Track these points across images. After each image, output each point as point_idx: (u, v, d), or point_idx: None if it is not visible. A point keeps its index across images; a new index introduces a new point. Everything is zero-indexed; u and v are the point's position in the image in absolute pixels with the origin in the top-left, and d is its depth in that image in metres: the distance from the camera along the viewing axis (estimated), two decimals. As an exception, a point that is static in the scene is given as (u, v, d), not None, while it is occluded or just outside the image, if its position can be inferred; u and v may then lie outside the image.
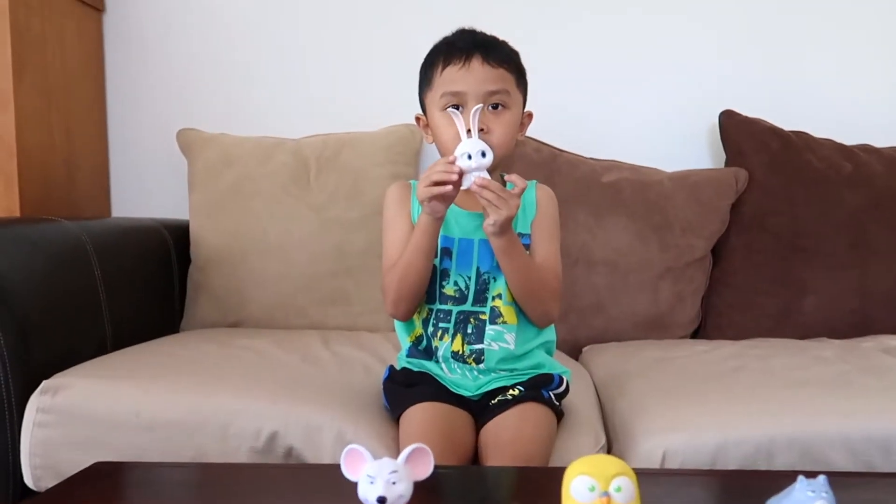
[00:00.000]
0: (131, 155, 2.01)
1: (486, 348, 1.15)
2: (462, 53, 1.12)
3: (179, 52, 1.99)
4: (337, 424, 1.12)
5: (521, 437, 1.06)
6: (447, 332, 1.16)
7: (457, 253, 1.16)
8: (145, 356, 1.38)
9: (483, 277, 1.16)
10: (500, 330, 1.15)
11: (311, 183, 1.74)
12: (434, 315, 1.16)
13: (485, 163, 1.02)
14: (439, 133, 1.15)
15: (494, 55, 1.13)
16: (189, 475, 0.99)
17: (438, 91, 1.14)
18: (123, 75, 1.99)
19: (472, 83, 1.11)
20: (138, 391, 1.18)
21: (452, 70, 1.12)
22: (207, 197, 1.75)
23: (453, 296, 1.16)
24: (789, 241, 1.75)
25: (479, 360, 1.15)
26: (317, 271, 1.70)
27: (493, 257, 1.14)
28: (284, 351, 1.42)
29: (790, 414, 1.16)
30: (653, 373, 1.40)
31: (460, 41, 1.15)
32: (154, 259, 1.69)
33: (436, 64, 1.15)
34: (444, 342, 1.16)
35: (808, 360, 1.44)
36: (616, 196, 1.74)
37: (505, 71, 1.13)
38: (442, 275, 1.16)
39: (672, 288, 1.73)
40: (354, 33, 1.98)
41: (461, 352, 1.15)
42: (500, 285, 1.16)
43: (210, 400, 1.16)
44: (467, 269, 1.16)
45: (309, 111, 1.97)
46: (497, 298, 1.16)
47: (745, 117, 1.83)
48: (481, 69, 1.11)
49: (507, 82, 1.13)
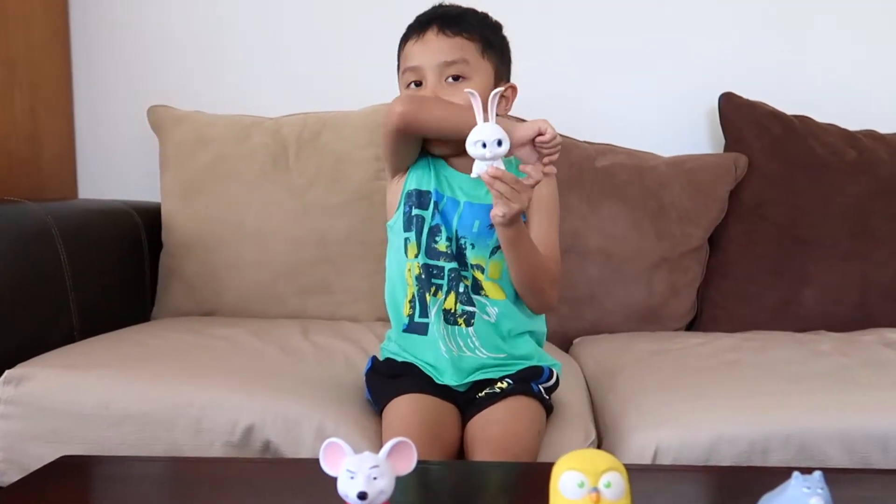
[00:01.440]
0: (99, 133, 1.99)
1: (477, 312, 1.16)
2: (420, 27, 1.15)
3: (150, 25, 1.97)
4: (316, 417, 1.13)
5: (509, 431, 1.07)
6: (441, 288, 1.16)
7: (441, 209, 1.17)
8: (114, 345, 1.38)
9: (460, 242, 1.16)
10: (483, 301, 1.17)
11: (291, 165, 1.74)
12: (426, 270, 1.16)
13: (500, 152, 0.99)
14: None
15: (452, 25, 1.14)
16: (160, 470, 1.00)
17: (401, 67, 1.17)
18: (91, 49, 1.98)
19: (427, 55, 1.13)
20: (107, 382, 1.18)
21: (410, 44, 1.16)
22: (180, 178, 1.74)
23: (445, 252, 1.16)
24: (789, 230, 1.76)
25: (469, 323, 1.16)
26: (296, 258, 1.70)
27: (473, 223, 1.15)
28: (262, 341, 1.43)
29: (786, 409, 1.18)
30: (646, 366, 1.41)
31: (424, 15, 1.17)
32: (124, 244, 1.69)
33: (402, 42, 1.18)
34: (437, 299, 1.16)
35: (806, 353, 1.46)
36: (610, 182, 1.75)
37: (464, 39, 1.14)
38: (434, 230, 1.16)
39: (667, 278, 1.75)
40: (337, 5, 1.97)
41: (453, 310, 1.16)
42: (481, 256, 1.16)
43: (183, 391, 1.16)
44: (449, 229, 1.16)
45: (288, 88, 1.96)
46: (477, 270, 1.16)
47: (746, 100, 1.84)
48: (436, 40, 1.13)
49: (467, 51, 1.14)
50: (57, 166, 1.91)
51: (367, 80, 1.90)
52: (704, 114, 1.95)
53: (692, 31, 1.97)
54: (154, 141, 1.80)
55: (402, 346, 1.20)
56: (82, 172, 2.00)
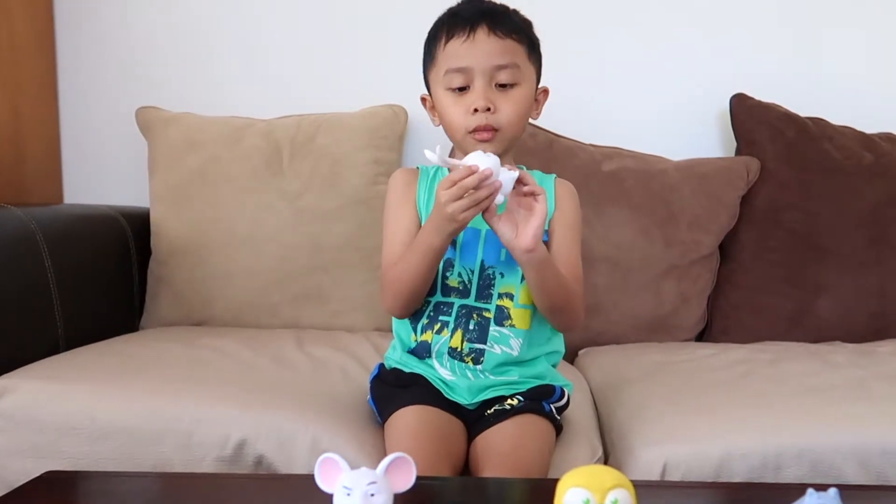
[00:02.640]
0: (85, 136, 2.00)
1: (487, 349, 1.15)
2: (466, 24, 1.12)
3: (139, 23, 1.98)
4: (311, 432, 1.13)
5: (519, 447, 1.07)
6: (447, 325, 1.16)
7: (461, 242, 1.16)
8: (101, 356, 1.38)
9: (487, 272, 1.16)
10: (507, 333, 1.16)
11: (285, 169, 1.74)
12: (433, 307, 1.16)
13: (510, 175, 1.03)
14: (445, 114, 1.15)
15: (502, 25, 1.12)
16: (149, 485, 1.00)
17: (442, 67, 1.13)
18: (77, 49, 1.98)
19: (478, 57, 1.11)
20: (93, 394, 1.19)
21: (456, 43, 1.12)
22: (169, 183, 1.75)
23: (457, 287, 1.16)
24: (804, 237, 1.77)
25: (478, 361, 1.16)
26: (290, 266, 1.71)
27: (500, 251, 1.15)
28: (254, 352, 1.43)
29: (800, 423, 1.18)
30: (654, 378, 1.42)
31: (465, 11, 1.14)
32: (111, 250, 1.69)
33: (439, 37, 1.15)
34: (441, 336, 1.16)
35: (821, 365, 1.47)
36: (617, 186, 1.76)
37: (514, 42, 1.13)
38: (446, 265, 1.16)
39: (676, 287, 1.75)
40: (333, 2, 1.97)
41: (459, 349, 1.15)
42: (511, 284, 1.16)
43: (172, 404, 1.17)
44: (471, 261, 1.16)
45: (282, 89, 1.97)
46: (505, 298, 1.16)
47: (759, 102, 1.84)
48: (487, 41, 1.11)
49: (518, 55, 1.13)
50: (41, 170, 1.92)
51: (365, 80, 1.92)
52: (715, 116, 1.96)
53: (702, 30, 1.97)
54: (142, 143, 1.81)
55: (407, 364, 1.20)
56: (68, 176, 2.00)
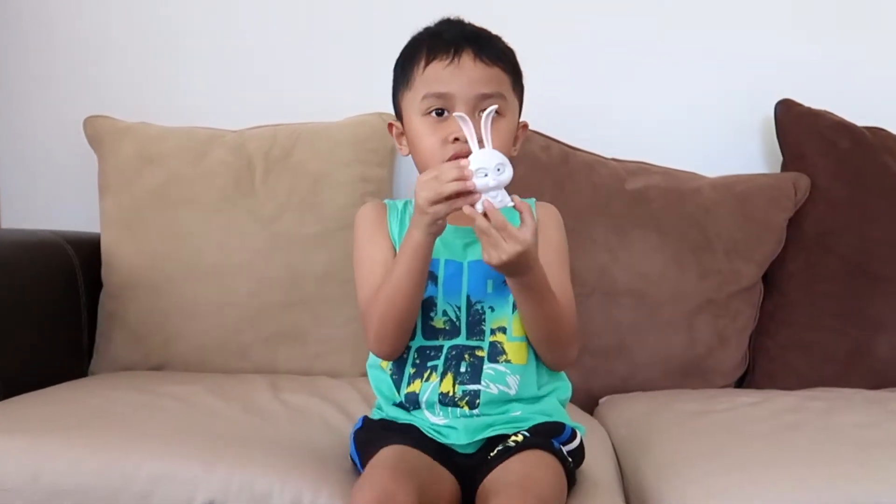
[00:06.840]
0: (24, 150, 2.03)
1: (482, 389, 1.18)
2: (450, 47, 1.17)
3: (86, 21, 2.01)
4: (290, 489, 1.15)
5: (529, 476, 1.08)
6: (435, 370, 1.19)
7: (443, 278, 1.20)
8: (45, 406, 1.40)
9: (475, 307, 1.20)
10: (502, 370, 1.19)
11: (257, 188, 1.77)
12: (421, 354, 1.20)
13: (503, 179, 1.04)
14: (418, 142, 1.19)
15: (488, 51, 1.18)
16: (102, 554, 1.02)
17: (420, 91, 1.18)
18: (15, 51, 2.01)
19: (463, 84, 1.16)
20: (36, 449, 1.20)
21: (438, 67, 1.17)
22: (123, 204, 1.77)
23: (443, 328, 1.20)
24: (860, 265, 1.79)
25: (473, 405, 1.19)
26: (264, 301, 1.73)
27: (486, 282, 1.19)
28: (222, 400, 1.45)
29: (857, 482, 1.20)
30: (686, 430, 1.44)
31: (447, 32, 1.19)
32: (55, 283, 1.71)
33: (416, 59, 1.19)
34: (429, 383, 1.19)
35: (881, 414, 1.49)
36: (644, 208, 1.78)
37: (500, 70, 1.18)
38: (429, 305, 1.20)
39: (713, 325, 1.77)
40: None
41: (451, 393, 1.18)
42: (503, 317, 1.20)
43: (128, 460, 1.19)
44: (456, 297, 1.20)
45: (254, 96, 2.00)
46: (499, 332, 1.20)
47: (808, 109, 1.87)
48: (473, 67, 1.16)
49: (503, 85, 1.19)
50: (-26, 190, 1.94)
51: (349, 86, 1.94)
52: (757, 125, 1.99)
53: (742, 27, 1.99)
54: (92, 158, 1.83)
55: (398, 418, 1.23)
56: (5, 196, 2.02)
